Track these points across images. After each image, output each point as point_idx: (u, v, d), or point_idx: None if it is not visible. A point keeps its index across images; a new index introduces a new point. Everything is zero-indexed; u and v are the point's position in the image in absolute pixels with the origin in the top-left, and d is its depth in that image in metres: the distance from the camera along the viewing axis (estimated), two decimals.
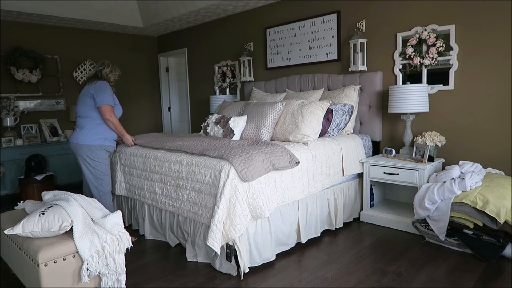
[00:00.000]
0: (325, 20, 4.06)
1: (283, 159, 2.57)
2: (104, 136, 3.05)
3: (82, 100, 3.02)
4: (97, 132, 3.01)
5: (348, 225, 3.32)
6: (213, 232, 2.26)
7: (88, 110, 3.00)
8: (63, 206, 2.06)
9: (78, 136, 3.00)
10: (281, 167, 2.55)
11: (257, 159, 2.43)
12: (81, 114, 3.03)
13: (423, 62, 3.32)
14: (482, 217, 2.52)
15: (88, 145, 2.98)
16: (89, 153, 2.99)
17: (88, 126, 3.00)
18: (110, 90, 3.05)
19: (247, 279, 2.38)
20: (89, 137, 2.98)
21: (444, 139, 3.19)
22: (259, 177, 2.40)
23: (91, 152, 2.99)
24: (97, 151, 3.01)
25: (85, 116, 3.01)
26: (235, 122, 3.31)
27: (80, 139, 2.99)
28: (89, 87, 3.01)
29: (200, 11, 4.88)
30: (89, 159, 3.00)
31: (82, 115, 3.02)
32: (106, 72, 3.11)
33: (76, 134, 3.02)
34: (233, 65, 5.20)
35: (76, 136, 3.02)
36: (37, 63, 5.03)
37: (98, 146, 3.01)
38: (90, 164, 3.01)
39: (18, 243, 2.09)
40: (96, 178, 3.04)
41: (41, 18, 4.86)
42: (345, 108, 3.39)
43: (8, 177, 4.63)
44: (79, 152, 3.00)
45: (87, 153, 2.99)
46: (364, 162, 3.33)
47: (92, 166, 3.01)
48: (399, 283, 2.27)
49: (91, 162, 3.01)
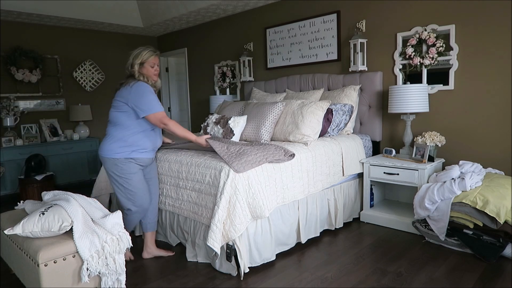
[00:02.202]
0: (325, 20, 4.06)
1: (277, 153, 2.58)
2: (136, 147, 2.49)
3: (113, 104, 2.52)
4: (126, 143, 2.46)
5: (348, 225, 3.32)
6: (213, 232, 2.26)
7: (119, 114, 2.46)
8: (63, 206, 2.06)
9: (103, 147, 2.50)
10: (276, 160, 2.56)
11: (249, 153, 2.45)
12: (112, 119, 2.51)
13: (423, 62, 3.32)
14: (482, 217, 2.52)
15: (111, 158, 2.46)
16: (114, 168, 2.48)
17: (115, 135, 2.47)
18: (150, 92, 2.44)
19: (247, 279, 2.38)
20: (114, 149, 2.45)
21: (444, 139, 3.19)
22: (251, 168, 2.39)
23: (116, 167, 2.47)
24: (122, 165, 2.47)
25: (115, 122, 2.48)
26: (235, 122, 3.31)
27: (104, 150, 2.48)
28: (121, 92, 2.47)
29: (200, 11, 4.87)
30: (115, 175, 2.50)
31: (113, 121, 2.51)
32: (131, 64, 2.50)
33: (102, 144, 2.53)
34: (233, 65, 5.20)
35: (101, 146, 2.53)
36: (37, 63, 5.03)
37: (123, 159, 2.46)
38: (117, 180, 2.51)
39: (18, 243, 2.09)
40: (125, 196, 2.54)
41: (41, 18, 4.86)
42: (345, 108, 3.39)
43: (8, 177, 4.63)
44: (104, 165, 2.53)
45: (111, 168, 2.48)
46: (364, 162, 3.33)
47: (119, 183, 2.50)
48: (399, 283, 2.27)
49: (118, 179, 2.50)
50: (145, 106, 2.40)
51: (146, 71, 2.52)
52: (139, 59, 2.49)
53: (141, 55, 2.49)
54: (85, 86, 5.61)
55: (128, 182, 2.50)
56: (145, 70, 2.51)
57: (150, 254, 2.75)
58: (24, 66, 4.94)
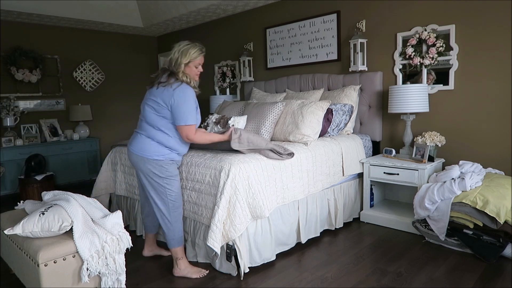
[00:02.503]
0: (325, 20, 4.06)
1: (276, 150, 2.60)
2: (174, 150, 2.37)
3: (150, 104, 2.28)
4: (169, 145, 2.33)
5: (348, 225, 3.31)
6: (213, 232, 2.26)
7: (158, 119, 2.29)
8: (63, 206, 2.06)
9: (143, 147, 2.29)
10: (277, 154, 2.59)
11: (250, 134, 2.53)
12: (150, 121, 2.30)
13: (423, 62, 3.32)
14: (482, 217, 2.52)
15: (155, 159, 2.30)
16: (158, 169, 2.31)
17: (155, 137, 2.30)
18: (192, 100, 2.28)
19: (247, 279, 2.38)
20: (158, 150, 2.30)
21: (444, 139, 3.19)
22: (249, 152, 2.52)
23: (161, 168, 2.31)
24: (167, 166, 2.34)
25: (154, 125, 2.30)
26: (235, 122, 3.31)
27: (145, 151, 2.29)
28: (160, 92, 2.24)
29: (200, 11, 4.87)
30: (157, 177, 2.31)
31: (151, 123, 2.30)
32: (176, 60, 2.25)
33: (140, 143, 2.31)
34: (233, 65, 5.20)
35: (138, 145, 2.31)
36: (37, 63, 5.03)
37: (168, 160, 2.34)
38: (158, 182, 2.32)
39: (18, 243, 2.09)
40: (165, 201, 2.36)
41: (41, 18, 4.86)
42: (345, 108, 3.39)
43: (8, 177, 4.63)
44: (141, 167, 2.32)
45: (154, 169, 2.30)
46: (364, 162, 3.33)
47: (161, 185, 2.33)
48: (399, 283, 2.27)
49: (159, 180, 2.32)
50: (180, 115, 2.23)
51: (189, 71, 2.30)
52: (187, 57, 2.26)
53: (189, 53, 2.26)
54: (85, 86, 5.61)
55: (171, 184, 2.36)
56: (189, 70, 2.30)
57: (151, 252, 2.77)
58: (24, 66, 4.94)
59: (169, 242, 2.43)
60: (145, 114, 2.32)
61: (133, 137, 2.39)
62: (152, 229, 2.73)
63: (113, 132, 5.85)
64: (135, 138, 2.37)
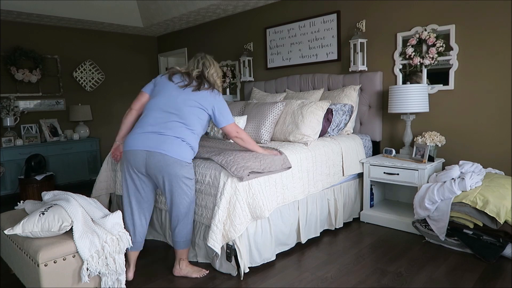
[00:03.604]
0: (325, 20, 4.06)
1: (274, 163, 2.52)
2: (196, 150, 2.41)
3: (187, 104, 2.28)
4: (195, 146, 2.35)
5: (348, 225, 3.31)
6: (214, 232, 2.26)
7: (195, 119, 2.30)
8: (63, 206, 2.06)
9: (178, 150, 2.22)
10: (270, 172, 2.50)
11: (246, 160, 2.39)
12: (187, 121, 2.27)
13: (423, 62, 3.32)
14: (482, 217, 2.52)
15: (188, 162, 2.29)
16: (190, 173, 2.32)
17: (187, 139, 2.27)
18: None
19: (247, 279, 2.38)
20: (189, 152, 2.29)
21: (444, 139, 3.19)
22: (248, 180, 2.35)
23: (192, 170, 2.35)
24: (192, 168, 2.38)
25: (191, 126, 2.29)
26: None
27: (181, 154, 2.23)
28: (204, 96, 2.31)
29: (200, 11, 4.87)
30: (188, 179, 2.30)
31: (187, 123, 2.27)
32: (212, 74, 2.43)
33: (175, 145, 2.22)
34: (233, 65, 5.20)
35: (174, 147, 2.21)
36: (37, 63, 5.03)
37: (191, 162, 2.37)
38: (187, 185, 2.31)
39: (18, 243, 2.09)
40: (189, 203, 2.35)
41: (41, 18, 4.86)
42: (345, 108, 3.39)
43: (8, 177, 4.63)
44: (175, 171, 2.23)
45: (187, 173, 2.28)
46: (364, 162, 3.33)
47: (189, 187, 2.33)
48: (399, 283, 2.27)
49: (189, 183, 2.32)
50: (228, 116, 2.41)
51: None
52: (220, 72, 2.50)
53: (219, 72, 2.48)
54: (85, 86, 5.61)
55: (194, 185, 2.40)
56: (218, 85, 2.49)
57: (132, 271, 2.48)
58: (24, 66, 4.94)
59: (180, 244, 2.41)
60: (187, 116, 2.27)
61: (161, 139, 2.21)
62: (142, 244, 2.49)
63: (113, 132, 5.83)
64: (166, 141, 2.21)
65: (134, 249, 2.40)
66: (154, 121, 2.27)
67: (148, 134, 2.24)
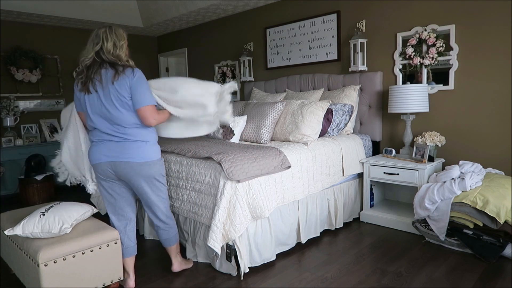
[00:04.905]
0: (325, 20, 4.06)
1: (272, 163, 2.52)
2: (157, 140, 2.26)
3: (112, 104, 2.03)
4: (151, 140, 2.18)
5: (348, 225, 3.31)
6: (214, 232, 2.26)
7: (134, 115, 2.08)
8: None
9: (144, 152, 2.11)
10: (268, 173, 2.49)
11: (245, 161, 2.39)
12: (125, 122, 2.06)
13: (423, 62, 3.32)
14: (482, 217, 2.52)
15: (157, 160, 2.19)
16: (162, 169, 2.24)
17: (146, 135, 2.14)
18: (146, 82, 2.12)
19: (247, 279, 2.38)
20: (151, 148, 2.17)
21: (444, 139, 3.19)
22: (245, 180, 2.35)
23: (162, 167, 2.26)
24: (161, 163, 2.26)
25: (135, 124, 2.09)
26: (235, 122, 3.31)
27: (149, 155, 2.13)
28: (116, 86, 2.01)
29: (200, 11, 4.87)
30: (162, 176, 2.26)
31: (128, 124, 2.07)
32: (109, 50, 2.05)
33: (135, 149, 2.09)
34: (233, 65, 5.20)
35: (135, 151, 2.09)
36: (37, 63, 5.03)
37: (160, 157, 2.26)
38: (161, 182, 2.26)
39: (18, 243, 2.09)
40: (165, 200, 2.32)
41: (41, 18, 4.85)
42: (345, 108, 3.39)
43: (8, 177, 4.63)
44: (147, 172, 2.14)
45: (160, 170, 2.22)
46: (364, 162, 3.33)
47: (163, 184, 2.28)
48: (399, 283, 2.27)
49: (162, 180, 2.27)
50: (143, 95, 2.05)
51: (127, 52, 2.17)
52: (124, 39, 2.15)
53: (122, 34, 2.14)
54: None
55: (165, 180, 2.33)
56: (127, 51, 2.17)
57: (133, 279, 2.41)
58: (24, 66, 4.94)
59: (170, 240, 2.40)
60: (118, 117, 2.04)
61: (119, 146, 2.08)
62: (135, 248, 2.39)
63: None
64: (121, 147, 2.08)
65: (128, 254, 2.31)
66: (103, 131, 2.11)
67: (105, 142, 2.11)
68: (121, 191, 2.27)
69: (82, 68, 2.09)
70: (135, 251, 2.36)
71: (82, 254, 2.03)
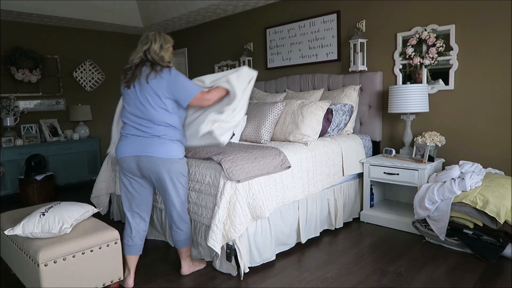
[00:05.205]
0: (325, 20, 4.06)
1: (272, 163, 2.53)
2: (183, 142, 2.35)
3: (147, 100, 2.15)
4: (179, 139, 2.27)
5: (348, 225, 3.32)
6: (214, 232, 2.26)
7: (166, 114, 2.19)
8: None
9: (165, 149, 2.17)
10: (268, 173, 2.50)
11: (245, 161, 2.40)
12: (156, 119, 2.17)
13: (423, 62, 3.32)
14: (482, 217, 2.53)
15: (180, 158, 2.26)
16: (183, 169, 2.29)
17: (174, 135, 2.23)
18: (184, 75, 2.25)
19: (247, 279, 2.38)
20: (177, 147, 2.24)
21: (444, 139, 3.19)
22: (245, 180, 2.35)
23: (185, 167, 2.31)
24: (183, 163, 2.32)
25: (165, 122, 2.19)
26: None
27: (172, 152, 2.20)
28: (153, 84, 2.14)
29: (200, 11, 4.87)
30: (183, 176, 2.29)
31: (158, 121, 2.17)
32: (155, 51, 2.21)
33: (159, 144, 2.17)
34: (233, 65, 5.20)
35: (160, 147, 2.16)
36: (37, 63, 5.02)
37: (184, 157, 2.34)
38: (181, 183, 2.29)
39: (18, 243, 2.09)
40: (183, 201, 2.35)
41: (41, 18, 4.85)
42: (345, 108, 3.39)
43: (8, 177, 4.63)
44: (169, 170, 2.20)
45: (180, 169, 2.26)
46: (364, 162, 3.33)
47: (182, 185, 2.31)
48: (399, 283, 2.27)
49: (182, 181, 2.30)
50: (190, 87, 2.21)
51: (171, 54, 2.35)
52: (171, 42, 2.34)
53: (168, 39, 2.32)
54: (85, 86, 5.61)
55: (186, 182, 2.37)
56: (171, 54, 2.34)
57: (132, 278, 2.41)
58: (24, 66, 4.94)
59: (180, 242, 2.41)
60: (152, 114, 2.16)
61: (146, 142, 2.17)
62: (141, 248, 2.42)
63: None
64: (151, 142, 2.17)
65: (133, 252, 2.35)
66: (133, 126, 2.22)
67: (133, 137, 2.21)
68: (141, 190, 2.32)
69: (130, 65, 2.24)
70: (141, 251, 2.39)
71: (82, 254, 2.03)
